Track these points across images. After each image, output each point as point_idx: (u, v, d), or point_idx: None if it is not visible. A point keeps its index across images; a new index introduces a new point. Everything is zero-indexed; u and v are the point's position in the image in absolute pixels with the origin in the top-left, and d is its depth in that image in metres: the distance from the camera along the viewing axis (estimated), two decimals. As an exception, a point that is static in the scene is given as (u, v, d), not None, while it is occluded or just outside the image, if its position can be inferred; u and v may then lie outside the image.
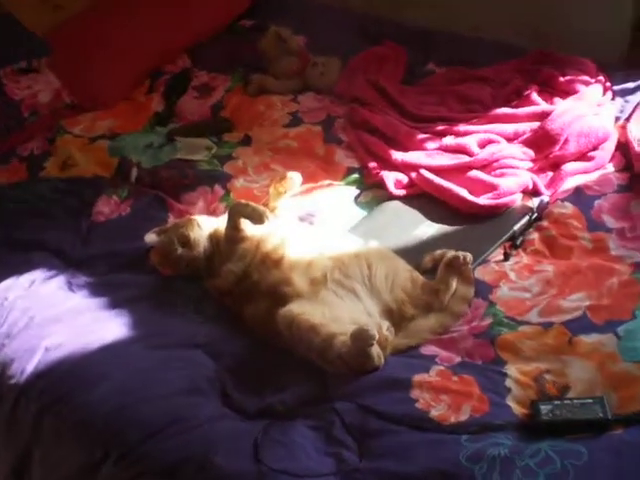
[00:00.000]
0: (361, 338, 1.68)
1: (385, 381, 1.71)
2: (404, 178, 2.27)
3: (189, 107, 2.76)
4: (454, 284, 1.90)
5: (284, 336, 1.79)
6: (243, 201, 2.04)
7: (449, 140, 2.32)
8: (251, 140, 2.56)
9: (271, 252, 1.96)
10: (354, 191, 2.32)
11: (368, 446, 1.60)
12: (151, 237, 2.09)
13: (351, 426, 1.64)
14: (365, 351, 1.70)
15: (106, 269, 2.14)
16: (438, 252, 2.01)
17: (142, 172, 2.45)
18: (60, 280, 2.11)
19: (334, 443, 1.62)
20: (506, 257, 2.02)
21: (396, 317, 1.85)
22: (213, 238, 2.07)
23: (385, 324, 1.83)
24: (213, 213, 2.28)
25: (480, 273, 1.97)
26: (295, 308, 1.80)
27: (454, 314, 1.87)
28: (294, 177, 2.22)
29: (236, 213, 1.99)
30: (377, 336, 1.69)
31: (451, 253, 1.94)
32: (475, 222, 2.13)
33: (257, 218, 1.97)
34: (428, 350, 1.80)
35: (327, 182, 2.33)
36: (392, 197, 2.25)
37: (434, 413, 1.63)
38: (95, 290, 2.08)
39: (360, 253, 1.96)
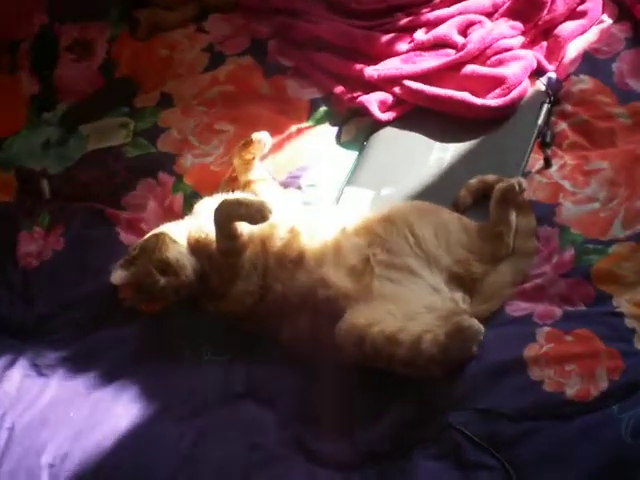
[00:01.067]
0: (463, 337, 1.36)
1: (493, 369, 1.40)
2: (387, 97, 1.85)
3: (70, 76, 2.15)
4: (514, 219, 1.58)
5: (349, 353, 1.44)
6: (229, 198, 1.58)
7: (422, 35, 1.91)
8: (172, 99, 2.04)
9: (285, 250, 1.55)
10: (330, 129, 1.90)
11: (513, 459, 1.31)
12: (119, 275, 1.59)
13: (480, 440, 1.35)
14: (468, 348, 1.39)
15: (72, 331, 1.66)
16: (473, 182, 1.67)
17: (55, 182, 1.92)
18: (22, 365, 1.62)
19: (470, 468, 1.33)
20: (547, 163, 1.70)
21: (466, 281, 1.53)
22: (197, 248, 1.61)
23: (458, 296, 1.50)
24: (170, 211, 1.81)
25: (528, 192, 1.64)
26: (356, 319, 1.43)
27: (526, 254, 1.56)
28: (262, 138, 1.77)
29: (226, 217, 1.53)
30: (482, 329, 1.38)
31: (499, 184, 1.60)
32: (491, 129, 1.78)
33: (257, 216, 1.51)
34: (517, 309, 1.50)
35: (294, 128, 1.90)
36: (380, 124, 1.85)
37: (570, 392, 1.34)
38: (73, 365, 1.60)
39: (391, 215, 1.58)
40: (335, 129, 1.89)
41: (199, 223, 1.64)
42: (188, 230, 1.65)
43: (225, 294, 1.56)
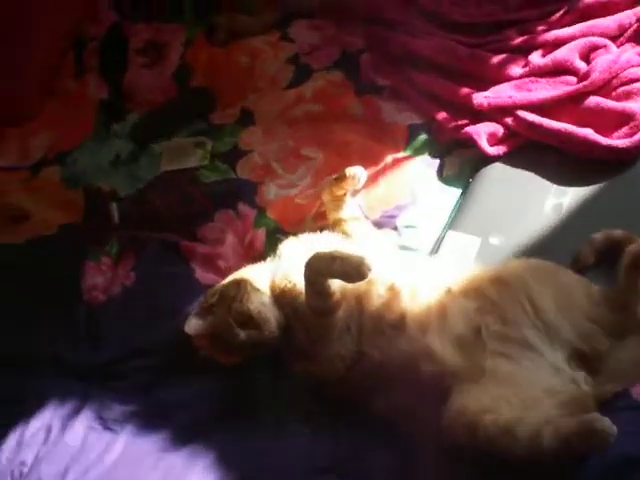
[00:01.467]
0: (593, 440, 1.17)
1: (619, 464, 1.23)
2: (498, 128, 1.65)
3: (142, 83, 1.99)
4: (646, 286, 1.40)
5: (458, 438, 1.28)
6: (321, 251, 1.38)
7: (538, 58, 1.69)
8: (253, 115, 1.86)
9: (383, 312, 1.37)
10: (430, 161, 1.71)
11: None
12: (194, 325, 1.43)
13: None
14: (596, 449, 1.21)
15: (142, 379, 1.51)
16: (597, 237, 1.47)
17: (125, 205, 1.76)
18: (86, 416, 1.47)
19: None
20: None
21: (590, 358, 1.34)
22: (282, 299, 1.44)
23: (580, 376, 1.32)
24: (251, 248, 1.65)
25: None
26: (468, 403, 1.25)
27: None
28: (357, 174, 1.58)
29: (318, 274, 1.35)
30: (615, 431, 1.19)
31: (631, 245, 1.39)
32: (618, 172, 1.57)
33: (354, 273, 1.33)
34: (643, 391, 1.32)
35: (389, 158, 1.71)
36: (488, 158, 1.65)
37: None
38: (143, 421, 1.45)
39: (505, 275, 1.39)
40: (436, 161, 1.70)
41: (284, 269, 1.46)
42: (272, 276, 1.48)
43: (314, 355, 1.40)
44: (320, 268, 1.35)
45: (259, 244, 1.65)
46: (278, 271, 1.48)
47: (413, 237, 1.61)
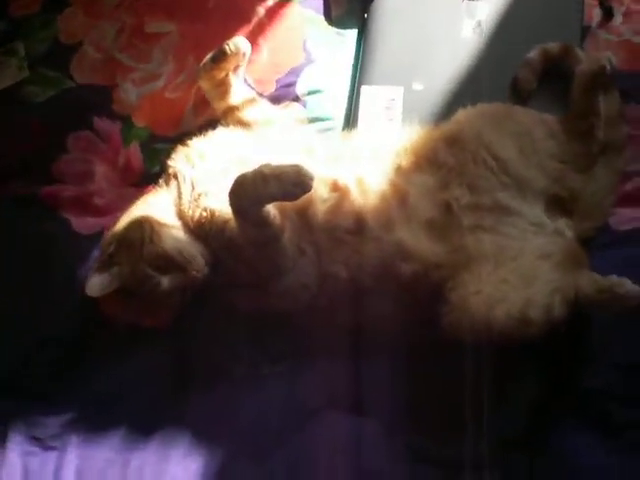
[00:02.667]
0: (618, 305, 1.05)
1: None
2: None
3: None
4: (602, 106, 1.24)
5: (466, 336, 1.13)
6: (247, 174, 1.07)
7: None
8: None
9: (335, 219, 1.14)
10: (312, 2, 1.39)
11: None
12: (97, 283, 1.13)
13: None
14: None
15: (64, 376, 1.21)
16: (532, 56, 1.28)
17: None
18: (15, 442, 1.16)
19: (623, 430, 1.10)
20: (608, 12, 1.34)
21: (565, 200, 1.21)
22: (202, 233, 1.16)
23: (562, 224, 1.19)
24: (129, 171, 1.32)
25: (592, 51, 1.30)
26: (470, 300, 1.08)
27: (618, 146, 1.24)
28: (239, 47, 1.27)
29: (251, 203, 1.07)
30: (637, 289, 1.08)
31: (582, 65, 1.22)
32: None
33: (296, 189, 1.07)
34: (623, 220, 1.21)
35: (261, 10, 1.36)
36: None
37: None
38: (88, 427, 1.17)
39: (456, 133, 1.18)
40: (318, 1, 1.39)
41: (192, 194, 1.19)
42: (176, 206, 1.20)
43: (270, 290, 1.17)
44: (251, 195, 1.07)
45: (137, 163, 1.33)
46: (184, 198, 1.20)
47: (321, 104, 1.35)
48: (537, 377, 1.17)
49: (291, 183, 1.07)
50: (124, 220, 1.19)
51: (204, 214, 1.17)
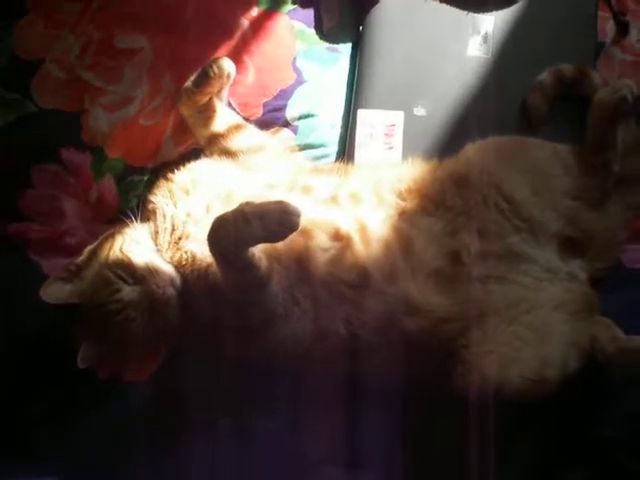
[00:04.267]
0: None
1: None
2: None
3: None
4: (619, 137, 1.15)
5: (481, 399, 1.06)
6: (226, 214, 0.98)
7: None
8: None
9: (337, 271, 1.05)
10: (301, 13, 1.25)
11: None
12: (54, 289, 1.08)
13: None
14: None
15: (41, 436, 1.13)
16: (544, 78, 1.19)
17: None
18: None
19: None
20: (623, 28, 1.25)
21: (581, 241, 1.13)
22: (179, 269, 1.08)
23: (575, 267, 1.12)
24: (104, 207, 1.21)
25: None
26: (486, 364, 1.02)
27: (634, 180, 1.16)
28: (224, 68, 1.16)
29: (233, 247, 0.97)
30: None
31: (600, 94, 1.13)
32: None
33: (281, 229, 0.97)
34: (636, 258, 1.17)
35: (245, 22, 1.22)
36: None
37: None
38: None
39: (464, 170, 1.10)
40: (309, 13, 1.25)
41: (170, 234, 1.09)
42: (154, 241, 1.11)
43: (261, 335, 1.08)
44: (232, 238, 0.97)
45: (111, 197, 1.21)
46: (161, 237, 1.11)
47: (313, 129, 1.24)
48: (545, 430, 1.14)
49: (276, 223, 0.97)
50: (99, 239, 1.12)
51: (184, 257, 1.08)
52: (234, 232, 0.97)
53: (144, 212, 1.14)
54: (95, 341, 1.09)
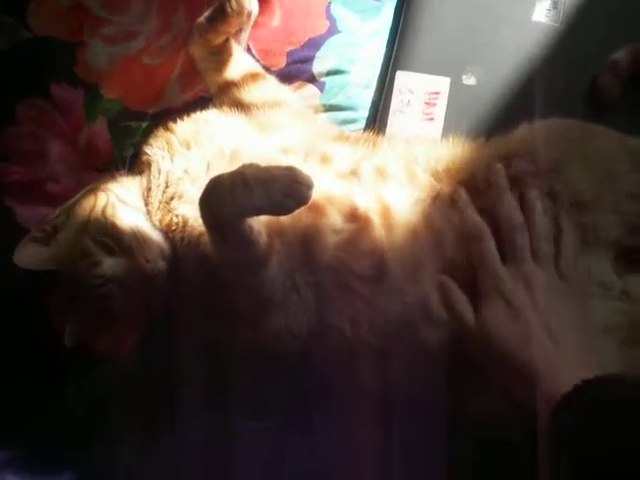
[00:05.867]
0: None
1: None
2: None
3: None
4: None
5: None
6: (224, 175, 0.83)
7: None
8: None
9: (348, 258, 0.89)
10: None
11: None
12: (28, 251, 0.93)
13: None
14: None
15: None
16: (620, 56, 1.00)
17: None
18: None
19: None
20: None
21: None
22: (168, 233, 0.93)
23: (634, 282, 0.93)
24: (92, 152, 1.05)
25: None
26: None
27: None
28: (245, 1, 0.99)
29: (229, 214, 0.83)
30: None
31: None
32: None
33: (288, 201, 0.81)
34: None
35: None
36: None
37: None
38: None
39: (516, 152, 0.93)
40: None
41: (162, 192, 0.95)
42: (145, 199, 0.96)
43: (257, 320, 0.93)
44: (228, 205, 0.82)
45: (103, 143, 1.06)
46: (153, 196, 0.96)
47: (343, 88, 1.08)
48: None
49: (282, 192, 0.82)
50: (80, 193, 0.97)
51: (175, 220, 0.93)
52: (230, 198, 0.82)
53: (137, 164, 1.00)
54: (76, 315, 0.96)
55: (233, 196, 0.82)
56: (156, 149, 0.99)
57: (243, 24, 1.02)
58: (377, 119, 1.07)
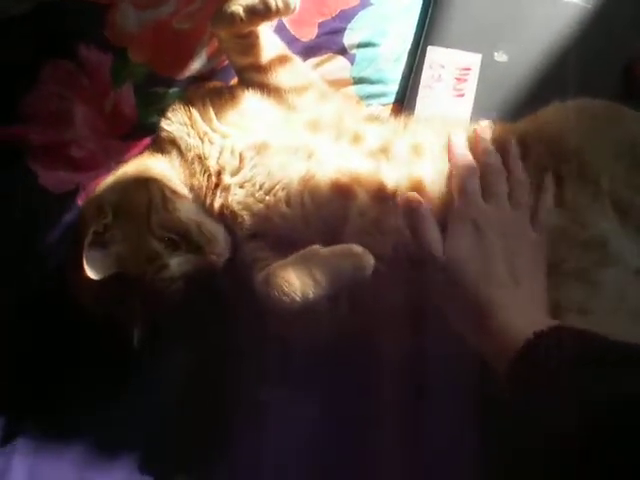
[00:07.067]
0: None
1: None
2: None
3: None
4: None
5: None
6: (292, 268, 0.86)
7: None
8: None
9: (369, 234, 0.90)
10: None
11: None
12: (98, 261, 0.87)
13: None
14: None
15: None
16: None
17: None
18: None
19: None
20: None
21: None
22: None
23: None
24: (117, 118, 1.05)
25: None
26: None
27: None
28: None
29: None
30: None
31: None
32: None
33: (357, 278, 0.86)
34: None
35: None
36: None
37: None
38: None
39: (546, 134, 0.93)
40: None
41: (207, 177, 0.95)
42: (185, 181, 0.96)
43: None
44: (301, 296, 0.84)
45: (129, 109, 1.05)
46: (198, 180, 0.94)
47: (373, 61, 1.07)
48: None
49: (347, 278, 0.85)
50: (115, 182, 0.94)
51: (225, 208, 0.93)
52: (302, 292, 0.84)
53: (157, 141, 0.97)
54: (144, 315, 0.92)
55: (305, 291, 0.84)
56: (180, 126, 0.96)
57: (283, 16, 0.95)
58: (407, 94, 1.07)
